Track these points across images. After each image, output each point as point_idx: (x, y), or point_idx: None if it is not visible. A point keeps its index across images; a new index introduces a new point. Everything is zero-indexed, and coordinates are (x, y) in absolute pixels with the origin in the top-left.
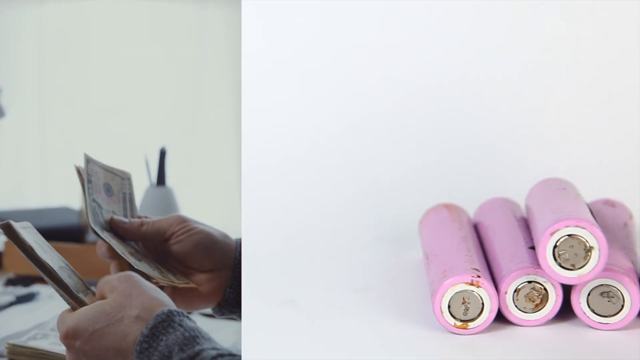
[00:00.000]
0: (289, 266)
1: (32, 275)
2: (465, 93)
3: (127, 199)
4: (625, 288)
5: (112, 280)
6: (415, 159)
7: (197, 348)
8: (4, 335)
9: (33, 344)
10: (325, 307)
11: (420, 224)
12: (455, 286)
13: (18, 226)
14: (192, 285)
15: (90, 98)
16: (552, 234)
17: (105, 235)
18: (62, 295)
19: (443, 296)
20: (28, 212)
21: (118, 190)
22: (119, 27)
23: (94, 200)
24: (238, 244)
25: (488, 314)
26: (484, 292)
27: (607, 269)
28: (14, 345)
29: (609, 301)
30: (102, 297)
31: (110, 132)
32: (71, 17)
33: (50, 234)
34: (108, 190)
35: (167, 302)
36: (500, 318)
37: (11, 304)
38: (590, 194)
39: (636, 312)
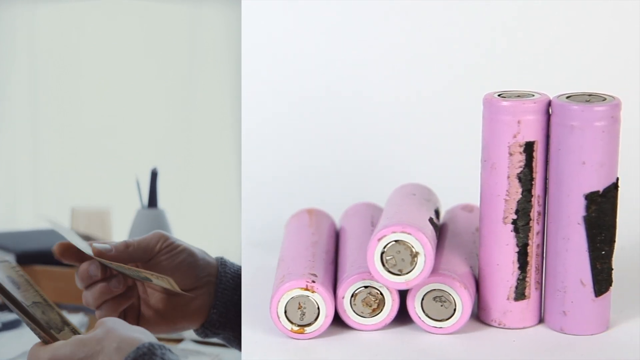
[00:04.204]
0: None
1: None
2: (348, 98)
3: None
4: (456, 293)
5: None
6: (290, 163)
7: None
8: None
9: None
10: None
11: (285, 228)
12: (291, 291)
13: None
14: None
15: (83, 112)
16: (379, 239)
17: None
18: (33, 330)
19: (279, 301)
20: (20, 234)
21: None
22: (114, 30)
23: (34, 303)
24: (219, 263)
25: (324, 319)
26: (319, 297)
27: (440, 274)
28: None
29: (441, 305)
30: None
31: (104, 148)
32: (65, 19)
33: (41, 257)
34: (15, 283)
35: (150, 339)
36: (340, 322)
37: None
38: (459, 198)
39: (468, 317)
